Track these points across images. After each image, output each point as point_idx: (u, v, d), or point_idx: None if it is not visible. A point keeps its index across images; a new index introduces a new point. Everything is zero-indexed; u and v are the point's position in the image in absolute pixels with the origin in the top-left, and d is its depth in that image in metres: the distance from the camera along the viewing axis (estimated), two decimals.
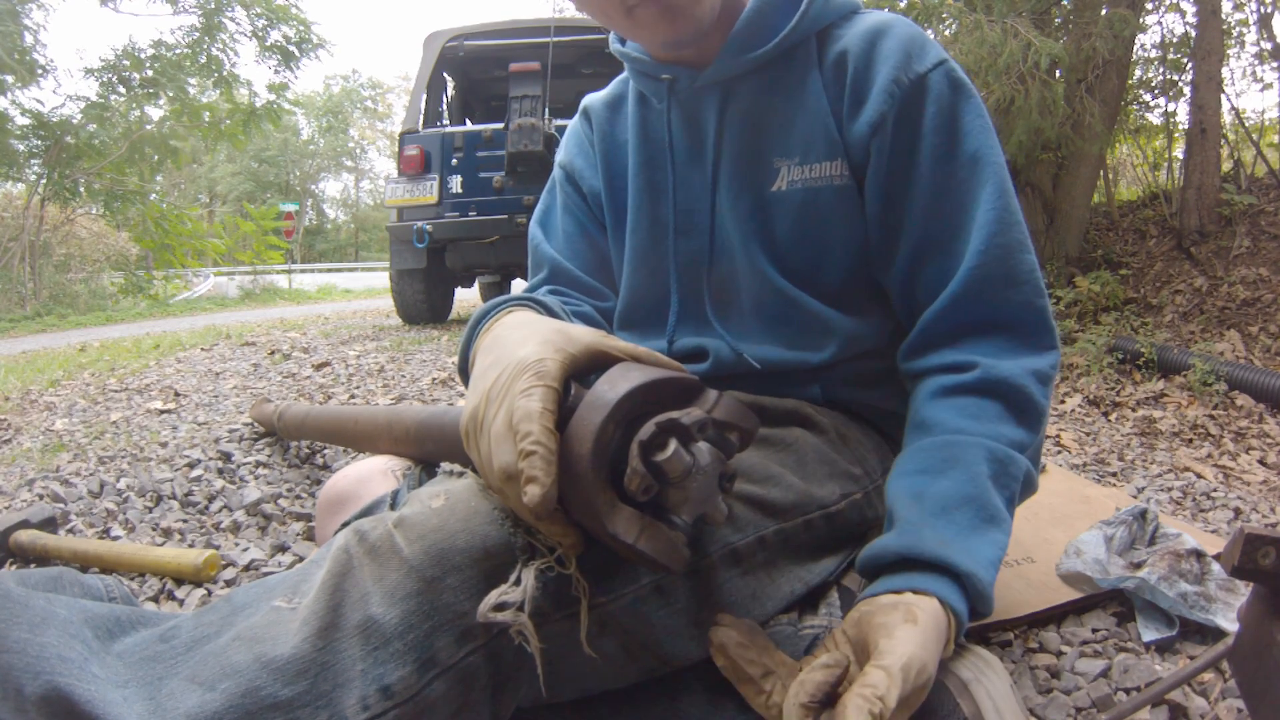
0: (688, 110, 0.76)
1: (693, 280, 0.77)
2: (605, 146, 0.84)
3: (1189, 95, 3.95)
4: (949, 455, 0.60)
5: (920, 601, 0.51)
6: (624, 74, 0.85)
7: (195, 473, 1.54)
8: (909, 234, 0.69)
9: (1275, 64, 4.60)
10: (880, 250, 0.71)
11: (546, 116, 3.59)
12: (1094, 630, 0.93)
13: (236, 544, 1.26)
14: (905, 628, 0.48)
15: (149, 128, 9.49)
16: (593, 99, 0.88)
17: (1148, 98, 4.78)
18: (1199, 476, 1.82)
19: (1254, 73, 4.90)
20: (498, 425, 0.46)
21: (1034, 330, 0.66)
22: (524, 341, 0.51)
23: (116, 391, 2.49)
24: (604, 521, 0.44)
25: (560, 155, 0.89)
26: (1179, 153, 4.48)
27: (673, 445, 0.43)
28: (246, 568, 1.17)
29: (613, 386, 0.45)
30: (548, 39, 3.73)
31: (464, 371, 0.65)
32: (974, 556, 0.54)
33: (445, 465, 0.59)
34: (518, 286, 3.43)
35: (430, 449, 0.75)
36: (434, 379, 2.46)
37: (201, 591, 1.10)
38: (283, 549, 1.25)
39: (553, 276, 0.83)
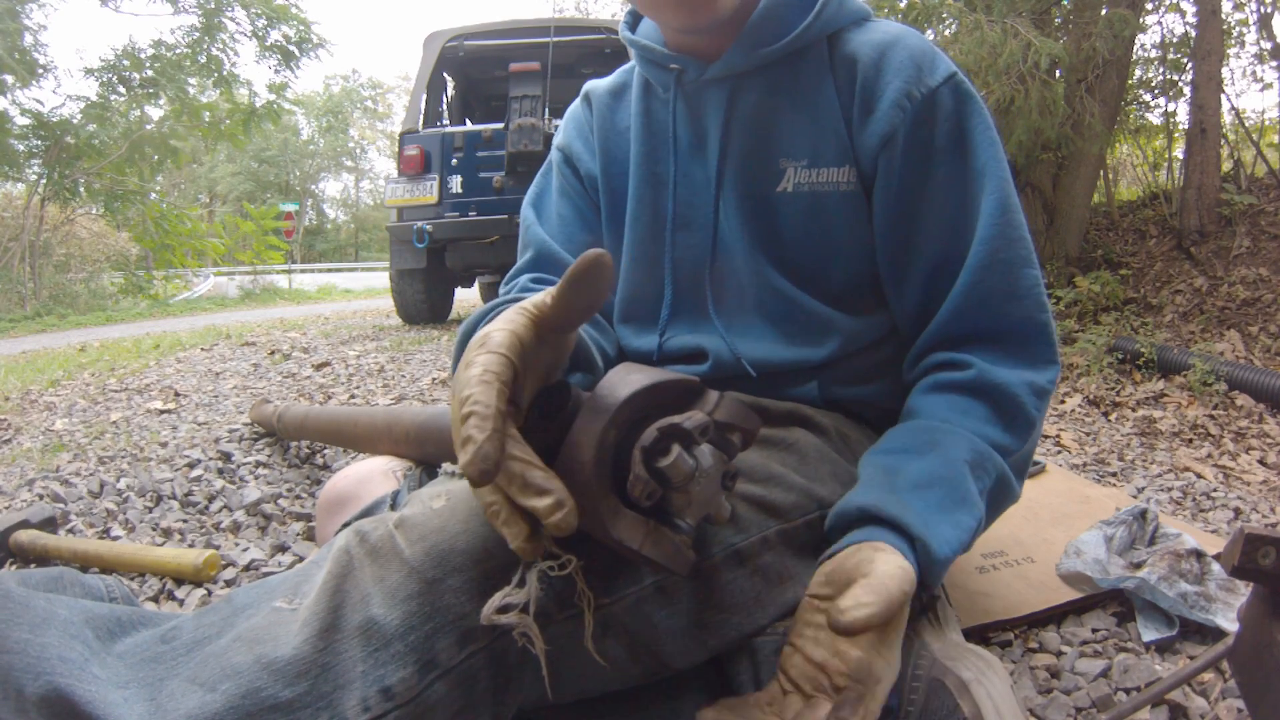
0: (693, 103, 0.75)
1: (692, 276, 0.76)
2: (604, 132, 0.83)
3: (1189, 95, 3.95)
4: (930, 439, 0.61)
5: (884, 549, 0.52)
6: (630, 63, 0.84)
7: (195, 473, 1.54)
8: (924, 252, 0.69)
9: (1275, 64, 4.61)
10: (891, 265, 0.71)
11: (546, 116, 3.59)
12: (1094, 630, 0.93)
13: (236, 544, 1.26)
14: (883, 557, 0.50)
15: (149, 128, 9.49)
16: (595, 84, 0.87)
17: (1148, 98, 4.78)
18: (1199, 476, 1.82)
19: (1254, 73, 4.90)
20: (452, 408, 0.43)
21: (1034, 344, 0.66)
22: (490, 330, 0.49)
23: (116, 391, 2.49)
24: (608, 528, 0.44)
25: (559, 138, 0.88)
26: (1179, 153, 4.48)
27: (675, 450, 0.43)
28: (246, 568, 1.17)
29: (613, 392, 0.45)
30: (548, 39, 3.73)
31: None
32: (931, 529, 0.54)
33: (447, 466, 0.59)
34: None
35: (430, 450, 0.75)
36: (434, 379, 2.46)
37: (201, 591, 1.10)
38: (283, 549, 1.25)
39: (538, 259, 0.79)
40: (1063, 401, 2.51)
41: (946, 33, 3.60)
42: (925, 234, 0.69)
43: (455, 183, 3.95)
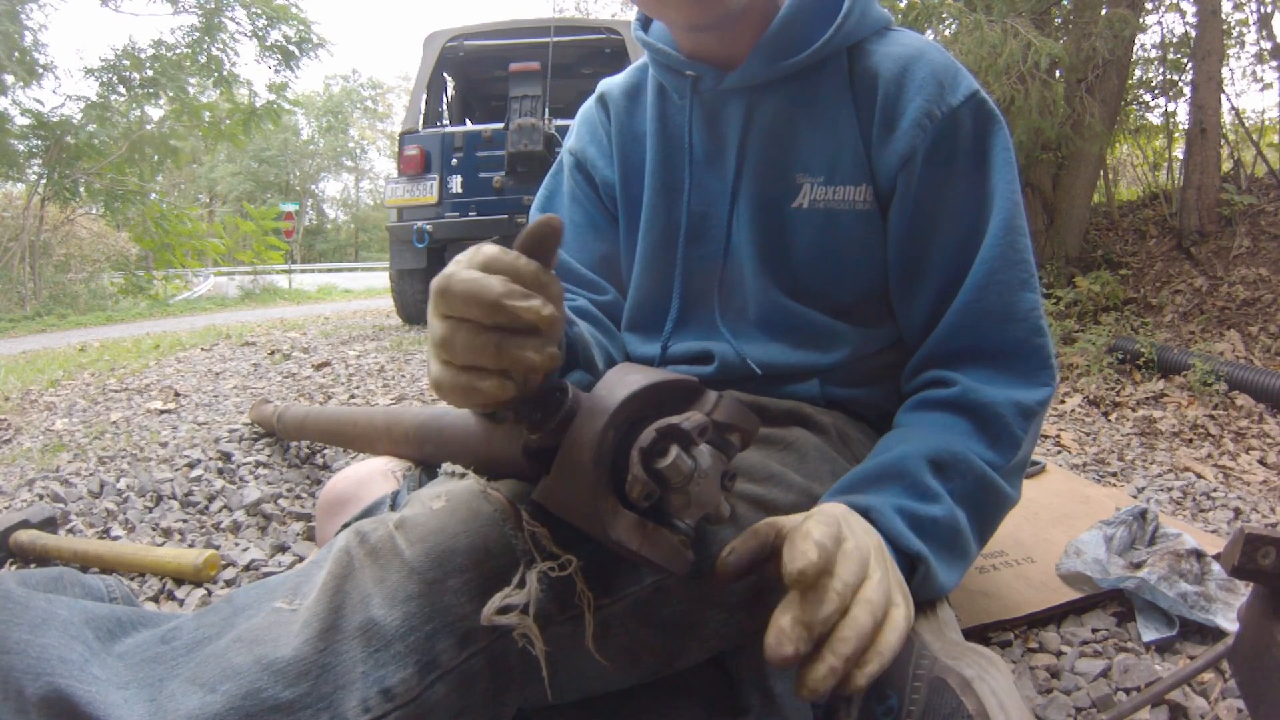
0: (710, 111, 0.74)
1: (702, 284, 0.76)
2: (622, 138, 0.81)
3: (1189, 95, 3.95)
4: (900, 437, 0.62)
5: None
6: (642, 61, 0.82)
7: (195, 473, 1.54)
8: (935, 270, 0.69)
9: (1275, 64, 4.60)
10: (902, 281, 0.71)
11: (546, 116, 3.59)
12: (1094, 630, 0.93)
13: (236, 544, 1.26)
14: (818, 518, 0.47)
15: (149, 128, 9.49)
16: (610, 85, 0.85)
17: (1148, 98, 4.78)
18: (1199, 476, 1.82)
19: (1254, 73, 4.90)
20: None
21: (1028, 365, 0.66)
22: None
23: (116, 391, 2.49)
24: (607, 528, 0.44)
25: (571, 141, 0.86)
26: (1179, 153, 4.48)
27: (674, 451, 0.43)
28: (246, 568, 1.17)
29: (611, 392, 0.45)
30: (548, 39, 3.73)
31: None
32: (874, 497, 0.54)
33: (446, 466, 0.59)
34: None
35: (430, 451, 0.75)
36: None
37: (201, 591, 1.10)
38: (283, 549, 1.25)
39: None
40: (1063, 401, 2.50)
41: (946, 33, 3.59)
42: (937, 252, 0.68)
43: (455, 183, 3.95)
